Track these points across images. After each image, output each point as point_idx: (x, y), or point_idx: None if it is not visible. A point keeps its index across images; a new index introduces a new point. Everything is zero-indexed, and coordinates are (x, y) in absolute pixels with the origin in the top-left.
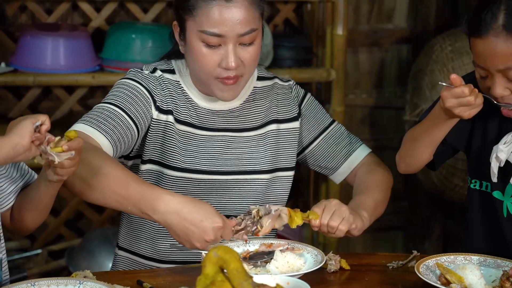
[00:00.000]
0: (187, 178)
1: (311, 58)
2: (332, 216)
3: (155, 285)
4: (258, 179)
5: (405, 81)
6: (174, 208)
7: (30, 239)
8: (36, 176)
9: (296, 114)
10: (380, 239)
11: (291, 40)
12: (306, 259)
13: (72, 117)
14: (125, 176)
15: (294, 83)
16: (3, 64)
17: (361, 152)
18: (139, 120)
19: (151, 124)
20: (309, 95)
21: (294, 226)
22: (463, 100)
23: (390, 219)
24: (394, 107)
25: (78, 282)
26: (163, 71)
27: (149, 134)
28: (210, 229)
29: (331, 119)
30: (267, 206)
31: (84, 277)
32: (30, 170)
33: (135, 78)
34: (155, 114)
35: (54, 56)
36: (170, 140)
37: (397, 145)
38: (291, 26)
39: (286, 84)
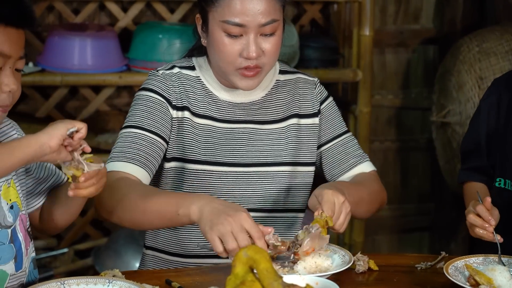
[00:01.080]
0: (208, 171)
1: (338, 59)
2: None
3: (184, 284)
4: (279, 171)
5: (431, 82)
6: (207, 199)
7: (57, 238)
8: (64, 176)
9: (317, 111)
10: (406, 240)
11: (317, 41)
12: (334, 259)
13: (98, 117)
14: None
15: (319, 81)
16: (30, 64)
17: (366, 168)
18: (164, 132)
19: (172, 124)
20: (331, 98)
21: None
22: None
23: (416, 220)
24: (420, 108)
25: (107, 281)
26: (182, 67)
27: (171, 133)
28: (242, 211)
29: (346, 128)
30: (307, 226)
31: (113, 276)
32: (57, 170)
33: (150, 87)
34: (173, 113)
35: (82, 56)
36: (189, 135)
37: (423, 145)
38: (318, 27)
39: (311, 79)
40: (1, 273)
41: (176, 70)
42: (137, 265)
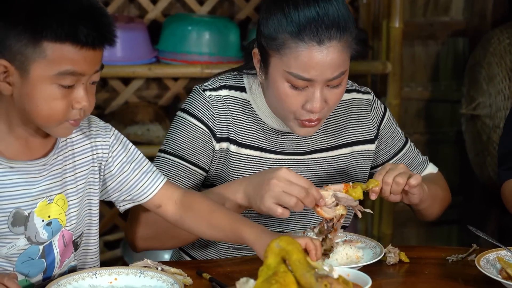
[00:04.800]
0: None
1: (367, 51)
2: (399, 174)
3: (215, 275)
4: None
5: (461, 74)
6: (244, 181)
7: None
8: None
9: (373, 137)
10: (434, 233)
11: None
12: (365, 251)
13: (127, 109)
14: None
15: (374, 97)
16: None
17: (430, 171)
18: (204, 163)
19: (214, 156)
20: (388, 113)
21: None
22: None
23: (445, 213)
24: (449, 101)
25: (139, 271)
26: (231, 88)
27: (212, 164)
28: (280, 169)
29: (405, 139)
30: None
31: (144, 266)
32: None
33: (194, 112)
34: (217, 146)
35: (111, 48)
36: (231, 166)
37: (452, 138)
38: None
39: (366, 98)
40: (26, 282)
41: (224, 92)
42: (166, 256)
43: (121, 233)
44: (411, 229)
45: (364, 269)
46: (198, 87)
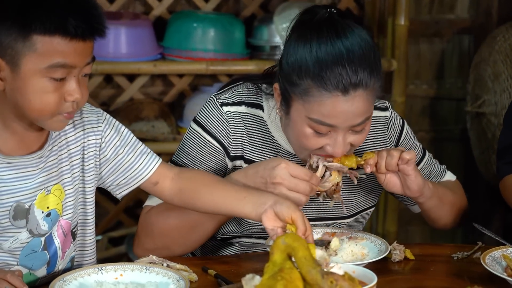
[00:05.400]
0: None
1: None
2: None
3: (220, 272)
4: (340, 223)
5: (466, 72)
6: (242, 174)
7: None
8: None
9: None
10: (439, 231)
11: None
12: (370, 248)
13: (132, 105)
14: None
15: (391, 113)
16: None
17: (449, 179)
18: None
19: (226, 173)
20: (405, 128)
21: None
22: None
23: None
24: (455, 98)
25: (144, 267)
26: (249, 105)
27: None
28: (276, 165)
29: (422, 152)
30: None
31: (150, 263)
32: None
33: (209, 128)
34: (230, 164)
35: (116, 45)
36: None
37: (457, 136)
38: (352, 16)
39: (383, 116)
40: (31, 276)
41: (242, 108)
42: None
43: (125, 230)
44: (416, 227)
45: (370, 266)
46: (215, 98)
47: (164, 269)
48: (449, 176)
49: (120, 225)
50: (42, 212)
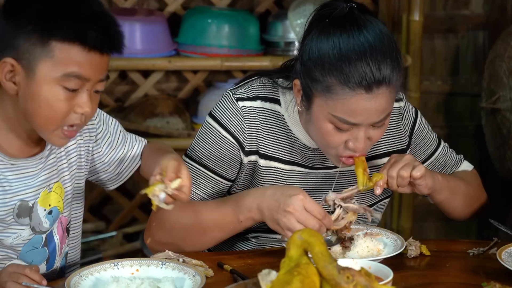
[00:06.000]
0: None
1: None
2: (403, 167)
3: (236, 267)
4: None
5: (481, 68)
6: (259, 194)
7: (105, 221)
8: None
9: (405, 146)
10: (454, 227)
11: None
12: (386, 244)
13: (147, 101)
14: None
15: (405, 103)
16: None
17: (465, 169)
18: (229, 174)
19: (241, 168)
20: (419, 117)
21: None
22: None
23: None
24: (469, 94)
25: (160, 263)
26: (265, 99)
27: (239, 175)
28: (296, 195)
29: (437, 141)
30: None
31: (166, 258)
32: (129, 156)
33: (224, 123)
34: (245, 159)
35: (131, 41)
36: (260, 178)
37: (472, 132)
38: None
39: (397, 107)
40: None
41: (258, 103)
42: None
43: (140, 226)
44: (430, 223)
45: (385, 261)
46: (231, 93)
47: (180, 264)
48: (466, 166)
49: (134, 221)
50: (44, 209)
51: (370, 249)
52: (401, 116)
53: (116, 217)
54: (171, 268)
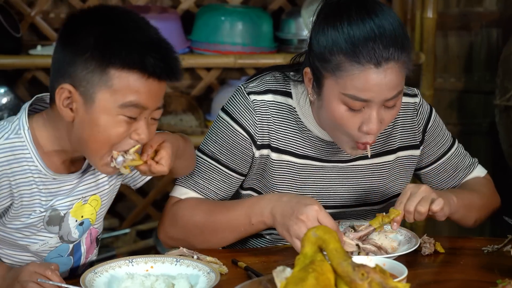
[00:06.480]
0: None
1: None
2: (420, 201)
3: (250, 264)
4: (370, 210)
5: (494, 65)
6: (275, 199)
7: (119, 218)
8: None
9: (419, 142)
10: None
11: None
12: (400, 241)
13: None
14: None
15: (420, 99)
16: None
17: (477, 174)
18: (241, 168)
19: (254, 162)
20: (433, 115)
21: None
22: None
23: None
24: (483, 91)
25: (175, 260)
26: (277, 92)
27: (251, 168)
28: (311, 205)
29: (451, 140)
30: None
31: (180, 255)
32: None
33: (236, 117)
34: (257, 153)
35: None
36: (272, 172)
37: (485, 129)
38: None
39: (412, 102)
40: None
41: (269, 97)
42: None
43: (153, 223)
44: (444, 220)
45: (399, 258)
46: (242, 88)
47: (194, 261)
48: (479, 172)
49: (148, 218)
50: (76, 220)
51: (384, 246)
52: (415, 112)
53: (130, 215)
54: (186, 265)
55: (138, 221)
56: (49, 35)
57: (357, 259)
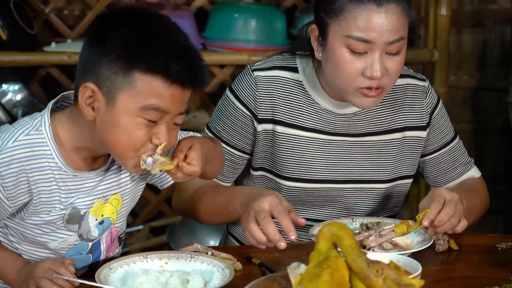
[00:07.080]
0: (302, 188)
1: (414, 39)
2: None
3: (264, 261)
4: (377, 188)
5: (508, 63)
6: (248, 191)
7: (132, 215)
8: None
9: (425, 124)
10: (480, 222)
11: None
12: (414, 238)
13: None
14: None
15: (429, 85)
16: None
17: (472, 174)
18: (244, 146)
19: (257, 137)
20: (441, 103)
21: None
22: None
23: (491, 202)
24: (496, 89)
25: (189, 256)
26: (282, 68)
27: (256, 145)
28: (264, 196)
29: (454, 133)
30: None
31: (195, 251)
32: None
33: (239, 94)
34: (259, 127)
35: None
36: (279, 146)
37: (499, 127)
38: None
39: (421, 85)
40: None
41: (274, 72)
42: (212, 242)
43: (166, 219)
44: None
45: (413, 255)
46: (249, 66)
47: (209, 257)
48: (474, 172)
49: (161, 215)
50: (96, 219)
51: (398, 243)
52: (424, 94)
53: (143, 211)
54: (200, 261)
55: (151, 218)
56: (63, 32)
57: (372, 255)
